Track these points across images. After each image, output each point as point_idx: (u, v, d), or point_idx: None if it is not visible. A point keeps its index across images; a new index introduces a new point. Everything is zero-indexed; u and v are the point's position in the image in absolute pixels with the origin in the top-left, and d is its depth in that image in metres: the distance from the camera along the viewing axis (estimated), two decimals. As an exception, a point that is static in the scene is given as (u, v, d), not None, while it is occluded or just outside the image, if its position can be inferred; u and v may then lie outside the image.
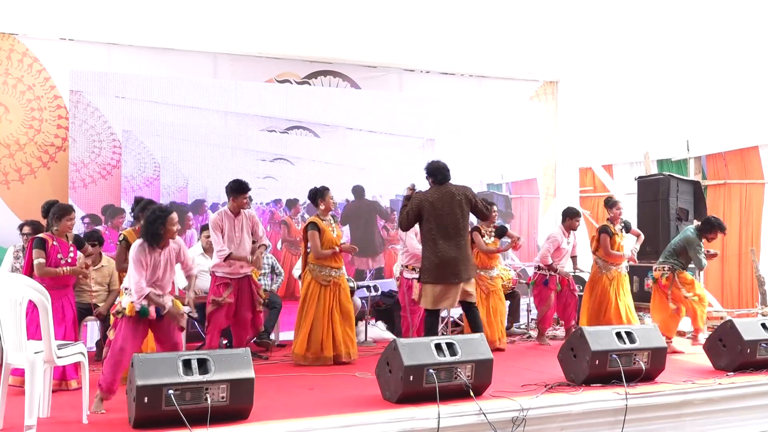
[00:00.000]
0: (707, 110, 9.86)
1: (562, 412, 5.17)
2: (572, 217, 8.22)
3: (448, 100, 10.04)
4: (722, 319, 8.06)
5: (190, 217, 8.47)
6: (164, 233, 5.11)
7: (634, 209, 9.79)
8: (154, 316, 5.10)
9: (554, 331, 8.71)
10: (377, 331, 8.46)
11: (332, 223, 7.11)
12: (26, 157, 8.30)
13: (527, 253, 10.17)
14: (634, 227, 8.61)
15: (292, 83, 9.43)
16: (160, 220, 5.08)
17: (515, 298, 9.02)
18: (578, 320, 8.29)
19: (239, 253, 6.65)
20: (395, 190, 9.57)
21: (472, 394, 5.10)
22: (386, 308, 8.78)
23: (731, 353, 6.24)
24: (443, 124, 9.85)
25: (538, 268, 8.30)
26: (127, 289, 5.15)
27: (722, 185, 10.09)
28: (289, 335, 8.04)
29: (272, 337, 7.88)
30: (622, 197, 10.50)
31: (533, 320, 9.41)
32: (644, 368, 5.67)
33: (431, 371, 5.06)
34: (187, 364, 4.53)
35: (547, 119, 10.79)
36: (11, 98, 8.25)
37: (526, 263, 9.89)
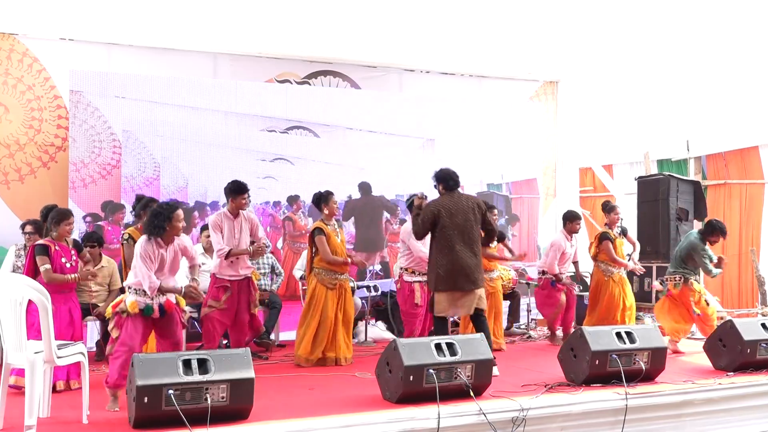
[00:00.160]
0: (707, 110, 9.86)
1: (562, 412, 5.17)
2: (572, 220, 8.21)
3: (448, 100, 10.03)
4: (722, 319, 8.04)
5: (195, 216, 8.47)
6: (168, 228, 5.11)
7: (634, 209, 9.79)
8: (157, 315, 5.11)
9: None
10: (377, 331, 8.46)
11: (336, 228, 7.11)
12: (26, 157, 8.30)
13: (527, 253, 10.14)
14: (631, 233, 8.56)
15: (292, 83, 9.43)
16: (164, 213, 5.09)
17: (515, 298, 9.01)
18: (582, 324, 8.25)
19: (238, 254, 6.68)
20: (395, 190, 9.57)
21: (472, 394, 5.09)
22: (386, 308, 8.76)
23: (731, 353, 6.24)
24: (443, 124, 9.84)
25: (542, 273, 8.28)
26: (130, 287, 5.14)
27: (722, 185, 10.09)
28: (289, 335, 8.05)
29: (272, 337, 7.88)
30: (622, 197, 10.55)
31: (533, 320, 9.42)
32: (644, 368, 5.66)
33: (431, 371, 5.05)
34: (187, 364, 4.52)
35: (547, 119, 10.79)
36: (11, 98, 8.25)
37: (526, 263, 9.88)
